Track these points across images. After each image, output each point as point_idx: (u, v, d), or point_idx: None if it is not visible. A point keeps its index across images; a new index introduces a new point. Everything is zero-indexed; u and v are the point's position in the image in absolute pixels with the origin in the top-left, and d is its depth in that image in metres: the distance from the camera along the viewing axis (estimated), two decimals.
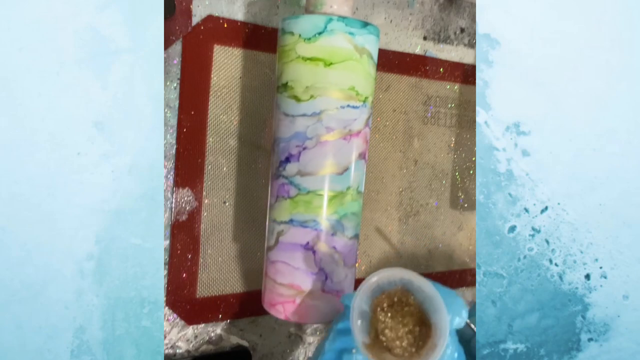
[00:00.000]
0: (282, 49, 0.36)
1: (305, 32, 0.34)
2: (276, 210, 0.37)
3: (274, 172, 0.37)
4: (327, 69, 0.34)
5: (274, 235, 0.37)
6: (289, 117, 0.35)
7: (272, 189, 0.38)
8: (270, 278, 0.38)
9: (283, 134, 0.36)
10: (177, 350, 0.44)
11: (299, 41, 0.34)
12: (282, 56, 0.36)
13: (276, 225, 0.37)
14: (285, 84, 0.35)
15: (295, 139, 0.35)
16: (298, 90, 0.35)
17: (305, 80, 0.34)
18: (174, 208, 0.42)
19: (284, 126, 0.36)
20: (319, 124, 0.34)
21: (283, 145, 0.36)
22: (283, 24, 0.36)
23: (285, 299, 0.37)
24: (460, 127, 0.56)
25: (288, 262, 0.36)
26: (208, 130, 0.42)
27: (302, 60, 0.34)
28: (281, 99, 0.36)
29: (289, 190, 0.36)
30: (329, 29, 0.34)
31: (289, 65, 0.35)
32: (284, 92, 0.36)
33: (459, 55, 0.54)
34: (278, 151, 0.36)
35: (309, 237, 0.36)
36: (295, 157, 0.35)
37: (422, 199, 0.55)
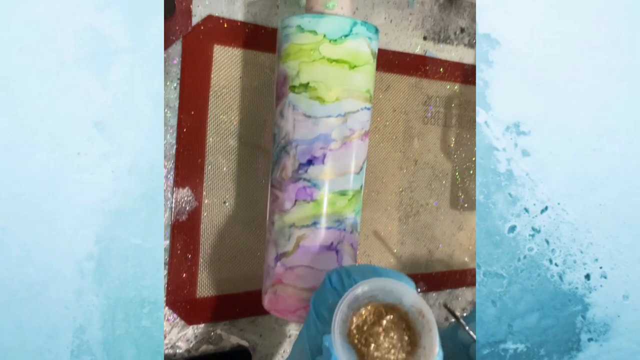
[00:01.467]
0: (299, 48, 0.34)
1: (331, 33, 0.34)
2: (295, 214, 0.35)
3: (292, 176, 0.35)
4: (352, 71, 0.34)
5: (293, 240, 0.35)
6: (312, 118, 0.34)
7: (286, 193, 0.35)
8: (289, 285, 0.36)
9: (304, 136, 0.34)
10: (177, 350, 0.44)
11: (323, 41, 0.34)
12: (300, 55, 0.34)
13: (296, 230, 0.35)
14: (307, 84, 0.34)
15: (319, 140, 0.34)
16: (322, 91, 0.34)
17: (331, 82, 0.34)
18: (174, 208, 0.42)
19: (304, 128, 0.34)
20: (344, 126, 0.35)
21: (304, 147, 0.34)
22: (302, 21, 0.34)
23: (307, 303, 0.36)
24: (460, 127, 0.56)
25: (311, 266, 0.35)
26: (208, 130, 0.42)
27: (328, 62, 0.34)
28: (300, 100, 0.34)
29: (312, 193, 0.35)
30: (354, 32, 0.34)
31: (310, 65, 0.34)
32: (304, 93, 0.34)
33: (459, 55, 0.54)
34: (295, 154, 0.35)
35: (333, 238, 0.36)
36: (320, 159, 0.34)
37: (422, 199, 0.55)
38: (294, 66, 0.35)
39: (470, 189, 0.58)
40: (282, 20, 0.36)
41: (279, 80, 0.36)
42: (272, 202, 0.37)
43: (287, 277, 0.36)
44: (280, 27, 0.36)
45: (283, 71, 0.35)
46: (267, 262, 0.38)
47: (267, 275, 0.38)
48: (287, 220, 0.36)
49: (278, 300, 0.37)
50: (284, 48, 0.35)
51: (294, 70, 0.34)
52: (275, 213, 0.36)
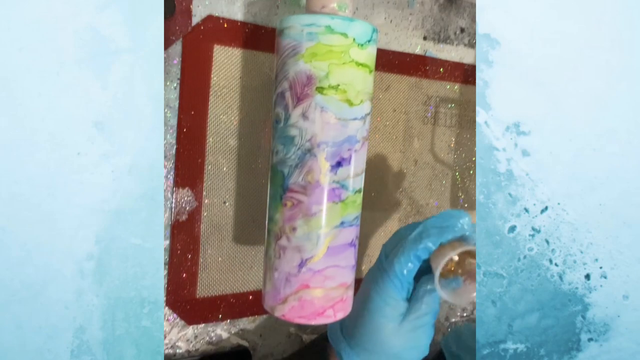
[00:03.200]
0: (329, 49, 0.34)
1: (359, 38, 0.35)
2: (325, 217, 0.36)
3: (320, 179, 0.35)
4: (369, 75, 0.36)
5: (322, 243, 0.36)
6: (341, 121, 0.35)
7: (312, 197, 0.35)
8: (317, 287, 0.36)
9: (334, 138, 0.35)
10: (177, 350, 0.44)
11: (353, 45, 0.34)
12: (330, 56, 0.34)
13: (325, 233, 0.36)
14: (337, 86, 0.34)
15: (347, 142, 0.35)
16: (351, 94, 0.35)
17: (357, 85, 0.35)
18: (174, 208, 0.42)
19: (334, 130, 0.35)
20: (364, 127, 0.36)
21: (334, 149, 0.35)
22: (332, 22, 0.34)
23: (335, 301, 0.37)
24: (460, 127, 0.56)
25: (339, 264, 0.36)
26: (208, 130, 0.42)
27: (356, 65, 0.35)
28: (330, 101, 0.34)
29: (340, 194, 0.35)
30: (374, 38, 0.36)
31: (341, 68, 0.34)
32: (334, 95, 0.34)
33: (459, 55, 0.54)
34: (325, 156, 0.35)
35: (353, 234, 0.38)
36: (347, 160, 0.35)
37: (422, 199, 0.55)
38: (322, 67, 0.34)
39: (470, 189, 0.58)
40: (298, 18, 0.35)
41: (298, 80, 0.35)
42: (292, 208, 0.36)
43: (315, 281, 0.36)
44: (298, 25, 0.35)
45: (306, 71, 0.34)
46: (284, 271, 0.36)
47: (284, 284, 0.36)
48: (314, 224, 0.35)
49: (304, 306, 0.36)
50: (307, 47, 0.34)
51: (322, 71, 0.34)
52: (298, 219, 0.36)
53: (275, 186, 0.37)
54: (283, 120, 0.35)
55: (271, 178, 0.37)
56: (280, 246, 0.36)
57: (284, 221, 0.36)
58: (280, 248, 0.36)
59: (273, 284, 0.37)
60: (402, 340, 0.37)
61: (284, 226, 0.36)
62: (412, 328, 0.37)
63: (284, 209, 0.36)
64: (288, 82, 0.35)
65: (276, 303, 0.37)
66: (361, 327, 0.38)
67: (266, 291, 0.38)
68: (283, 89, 0.35)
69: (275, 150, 0.36)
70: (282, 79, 0.35)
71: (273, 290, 0.37)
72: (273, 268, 0.37)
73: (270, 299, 0.37)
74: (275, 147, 0.36)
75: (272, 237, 0.37)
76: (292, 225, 0.36)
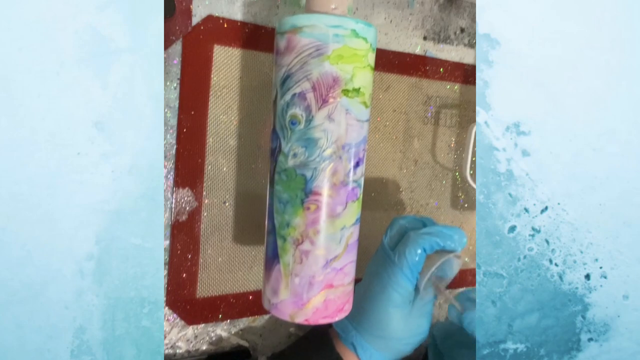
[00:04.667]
0: (354, 52, 0.34)
1: (374, 43, 0.36)
2: (346, 216, 0.36)
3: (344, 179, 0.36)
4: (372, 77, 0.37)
5: (344, 241, 0.36)
6: (360, 122, 0.36)
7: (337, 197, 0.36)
8: (339, 285, 0.37)
9: (354, 139, 0.36)
10: (177, 350, 0.44)
11: (370, 50, 0.35)
12: (355, 60, 0.34)
13: (346, 232, 0.36)
14: (358, 89, 0.35)
15: (363, 143, 0.37)
16: (367, 96, 0.36)
17: (370, 88, 0.37)
18: (174, 208, 0.42)
19: (355, 132, 0.36)
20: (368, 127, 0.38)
21: (353, 150, 0.36)
22: (357, 27, 0.34)
23: (350, 295, 0.39)
24: (460, 127, 0.56)
25: (353, 260, 0.38)
26: (208, 130, 0.42)
27: (370, 69, 0.36)
28: (353, 104, 0.35)
29: (357, 193, 0.37)
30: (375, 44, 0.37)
31: (362, 71, 0.35)
32: (356, 97, 0.35)
33: (459, 55, 0.54)
34: (347, 157, 0.36)
35: (359, 230, 0.39)
36: (362, 160, 0.37)
37: (422, 199, 0.55)
38: (347, 70, 0.34)
39: (470, 189, 0.58)
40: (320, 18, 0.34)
41: (323, 82, 0.34)
42: (316, 211, 0.36)
43: (337, 279, 0.37)
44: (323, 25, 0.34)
45: (332, 73, 0.34)
46: (307, 275, 0.36)
47: (307, 289, 0.36)
48: (338, 224, 0.36)
49: (328, 306, 0.37)
50: (334, 49, 0.34)
51: (348, 74, 0.34)
52: (323, 220, 0.36)
53: (293, 190, 0.35)
54: (304, 122, 0.35)
55: (284, 182, 0.36)
56: (303, 251, 0.36)
57: (306, 225, 0.36)
58: (302, 253, 0.36)
59: (293, 291, 0.36)
60: (410, 326, 0.41)
61: (307, 230, 0.36)
62: (419, 315, 0.41)
63: (306, 212, 0.35)
64: (311, 82, 0.34)
65: (297, 309, 0.36)
66: (372, 316, 0.41)
67: (281, 300, 0.36)
68: (304, 90, 0.34)
69: (291, 153, 0.35)
70: (302, 79, 0.34)
71: (293, 297, 0.36)
72: (292, 274, 0.36)
73: (289, 306, 0.36)
74: (291, 150, 0.35)
75: (289, 244, 0.36)
76: (316, 228, 0.36)
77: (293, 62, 0.34)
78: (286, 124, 0.35)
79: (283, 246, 0.36)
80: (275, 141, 0.36)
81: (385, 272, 0.41)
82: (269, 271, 0.37)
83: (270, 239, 0.37)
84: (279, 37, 0.35)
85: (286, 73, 0.35)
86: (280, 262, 0.36)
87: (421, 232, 0.41)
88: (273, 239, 0.37)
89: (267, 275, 0.38)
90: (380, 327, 0.41)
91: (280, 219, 0.36)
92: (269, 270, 0.37)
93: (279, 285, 0.36)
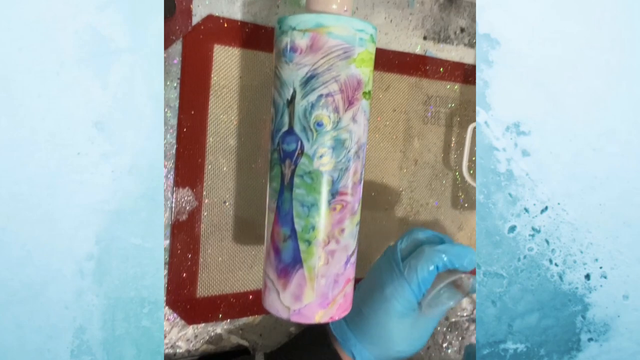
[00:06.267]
0: (371, 56, 0.36)
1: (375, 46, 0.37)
2: (359, 212, 0.38)
3: (360, 178, 0.37)
4: None
5: (357, 236, 0.38)
6: (368, 122, 0.38)
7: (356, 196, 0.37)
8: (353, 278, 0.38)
9: (365, 139, 0.38)
10: (177, 350, 0.44)
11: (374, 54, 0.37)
12: (370, 63, 0.36)
13: (358, 226, 0.39)
14: (369, 91, 0.37)
15: (366, 142, 0.38)
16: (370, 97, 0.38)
17: None
18: (174, 208, 0.42)
19: (366, 132, 0.38)
20: None
21: (364, 149, 0.38)
22: (373, 32, 0.36)
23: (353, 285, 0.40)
24: (460, 127, 0.56)
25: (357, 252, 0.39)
26: (208, 130, 0.42)
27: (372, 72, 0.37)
28: (367, 106, 0.37)
29: (361, 189, 0.39)
30: None
31: (372, 74, 0.37)
32: (369, 99, 0.37)
33: (459, 55, 0.54)
34: (362, 156, 0.37)
35: None
36: (364, 157, 0.39)
37: (422, 199, 0.55)
38: (366, 73, 0.36)
39: (470, 189, 0.58)
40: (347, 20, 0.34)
41: (349, 84, 0.35)
42: (341, 211, 0.36)
43: (353, 272, 0.38)
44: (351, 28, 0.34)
45: (357, 75, 0.35)
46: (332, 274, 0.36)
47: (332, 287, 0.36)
48: (355, 221, 0.38)
49: (347, 299, 0.38)
50: (359, 52, 0.35)
51: (367, 76, 0.36)
52: (346, 219, 0.36)
53: (319, 193, 0.35)
54: (332, 123, 0.34)
55: (308, 185, 0.35)
56: (329, 251, 0.36)
57: (332, 225, 0.36)
58: (329, 253, 0.36)
59: (319, 292, 0.36)
60: (412, 339, 0.41)
61: (333, 230, 0.36)
62: (424, 328, 0.41)
63: (332, 213, 0.36)
64: (338, 84, 0.34)
65: (323, 309, 0.36)
66: (374, 325, 0.40)
67: (305, 304, 0.36)
68: (331, 91, 0.34)
69: (317, 155, 0.34)
70: (330, 80, 0.34)
71: (319, 298, 0.36)
72: (318, 276, 0.36)
73: (315, 308, 0.36)
74: (317, 152, 0.34)
75: (315, 246, 0.35)
76: (341, 227, 0.36)
77: (319, 62, 0.34)
78: (310, 125, 0.34)
79: (307, 250, 0.35)
80: (293, 143, 0.35)
81: (391, 282, 0.40)
82: (288, 278, 0.36)
83: (289, 244, 0.35)
84: (297, 34, 0.34)
85: (310, 73, 0.34)
86: (303, 266, 0.35)
87: (436, 249, 0.40)
88: (293, 245, 0.35)
89: (284, 283, 0.36)
90: (380, 336, 0.40)
91: (303, 223, 0.35)
92: (286, 278, 0.36)
93: (302, 290, 0.36)
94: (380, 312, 0.40)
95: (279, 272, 0.36)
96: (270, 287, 0.37)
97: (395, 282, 0.40)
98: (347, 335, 0.42)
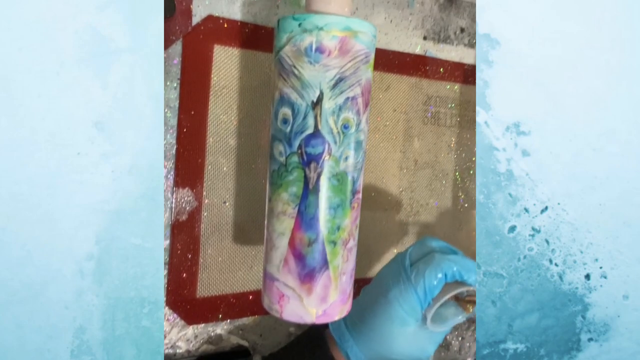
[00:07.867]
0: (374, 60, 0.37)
1: None
2: None
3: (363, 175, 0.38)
4: None
5: None
6: None
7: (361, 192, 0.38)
8: None
9: None
10: (177, 350, 0.44)
11: None
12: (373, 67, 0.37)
13: None
14: None
15: None
16: None
17: None
18: (174, 208, 0.42)
19: None
20: None
21: None
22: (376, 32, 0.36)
23: None
24: (460, 127, 0.56)
25: None
26: (208, 130, 0.42)
27: None
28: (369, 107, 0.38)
29: None
30: None
31: None
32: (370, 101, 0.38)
33: (459, 55, 0.54)
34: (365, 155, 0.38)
35: None
36: None
37: (422, 199, 0.55)
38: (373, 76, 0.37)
39: (470, 189, 0.58)
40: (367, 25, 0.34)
41: (368, 88, 0.36)
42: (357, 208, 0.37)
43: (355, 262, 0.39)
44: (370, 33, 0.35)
45: (371, 79, 0.36)
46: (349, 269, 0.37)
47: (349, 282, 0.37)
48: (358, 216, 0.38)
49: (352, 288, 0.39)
50: (373, 56, 0.36)
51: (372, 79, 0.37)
52: (359, 216, 0.38)
53: (344, 193, 0.35)
54: (354, 125, 0.35)
55: (335, 187, 0.35)
56: (349, 249, 0.36)
57: (352, 223, 0.36)
58: (348, 250, 0.36)
59: (341, 289, 0.36)
60: (414, 347, 0.39)
61: (352, 228, 0.36)
62: (425, 341, 0.40)
63: (352, 212, 0.36)
64: (361, 88, 0.35)
65: (343, 305, 0.37)
66: (375, 329, 0.39)
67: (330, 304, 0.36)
68: (355, 95, 0.34)
69: (343, 157, 0.35)
70: (355, 84, 0.34)
71: (341, 295, 0.36)
72: (340, 274, 0.36)
73: (338, 306, 0.36)
74: (343, 154, 0.35)
75: (339, 246, 0.35)
76: (357, 224, 0.38)
77: (347, 65, 0.34)
78: (339, 128, 0.34)
79: (333, 251, 0.35)
80: (319, 146, 0.34)
81: (397, 286, 0.39)
82: (313, 282, 0.35)
83: (315, 248, 0.35)
84: (325, 35, 0.33)
85: (338, 75, 0.34)
86: (329, 267, 0.35)
87: (447, 257, 0.39)
88: (320, 248, 0.35)
89: (308, 287, 0.35)
90: (381, 342, 0.39)
91: (330, 225, 0.35)
92: (312, 282, 0.35)
93: (328, 290, 0.35)
94: (381, 316, 0.39)
95: (303, 278, 0.35)
96: (290, 296, 0.35)
97: (401, 286, 0.39)
98: (345, 337, 0.41)
